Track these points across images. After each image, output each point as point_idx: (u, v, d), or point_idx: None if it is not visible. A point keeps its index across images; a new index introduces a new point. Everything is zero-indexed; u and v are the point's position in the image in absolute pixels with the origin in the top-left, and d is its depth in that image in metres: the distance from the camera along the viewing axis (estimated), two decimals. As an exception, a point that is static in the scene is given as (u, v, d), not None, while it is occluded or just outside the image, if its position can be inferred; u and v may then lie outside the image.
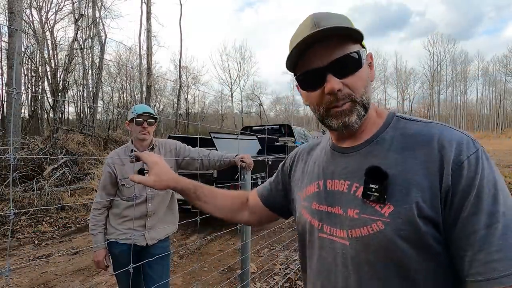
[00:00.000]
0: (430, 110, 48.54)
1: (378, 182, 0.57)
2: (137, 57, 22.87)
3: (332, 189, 0.67)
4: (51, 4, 19.66)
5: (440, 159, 0.54)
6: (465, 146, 0.55)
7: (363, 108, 0.62)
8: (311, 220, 0.70)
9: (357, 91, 0.61)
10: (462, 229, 0.52)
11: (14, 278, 3.38)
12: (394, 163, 0.58)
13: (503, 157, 16.65)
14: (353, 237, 0.60)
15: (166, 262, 1.99)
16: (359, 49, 0.61)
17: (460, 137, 0.56)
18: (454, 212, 0.53)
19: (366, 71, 0.63)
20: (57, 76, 15.90)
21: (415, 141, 0.59)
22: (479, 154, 0.54)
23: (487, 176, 0.52)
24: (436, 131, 0.58)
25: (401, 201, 0.55)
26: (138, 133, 1.88)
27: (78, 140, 9.89)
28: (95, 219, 1.89)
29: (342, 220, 0.63)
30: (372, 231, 0.57)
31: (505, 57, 46.83)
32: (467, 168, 0.53)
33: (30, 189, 6.12)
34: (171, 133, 14.45)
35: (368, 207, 0.58)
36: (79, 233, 5.09)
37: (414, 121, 0.63)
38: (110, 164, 1.88)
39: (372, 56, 0.66)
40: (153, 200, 1.91)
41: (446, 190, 0.53)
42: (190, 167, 2.07)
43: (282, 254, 3.92)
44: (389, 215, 0.56)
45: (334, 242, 0.64)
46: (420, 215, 0.53)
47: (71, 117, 26.24)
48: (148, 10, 16.51)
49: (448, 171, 0.53)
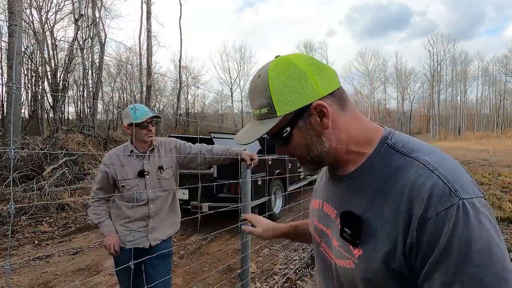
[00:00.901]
0: (430, 110, 48.55)
1: (351, 227, 0.60)
2: (137, 57, 22.87)
3: (326, 212, 0.71)
4: (51, 4, 19.69)
5: (409, 212, 0.52)
6: (437, 199, 0.50)
7: (313, 163, 0.66)
8: (313, 233, 0.78)
9: (297, 156, 0.67)
10: (425, 284, 0.51)
11: (14, 278, 3.38)
12: (370, 205, 0.58)
13: (503, 157, 16.65)
14: (336, 264, 0.66)
15: (169, 263, 1.97)
16: (281, 125, 0.62)
17: (434, 187, 0.51)
18: (418, 266, 0.51)
19: (299, 138, 0.63)
20: (57, 76, 15.90)
21: (393, 183, 0.56)
22: (452, 210, 0.48)
23: (458, 236, 0.47)
24: (412, 177, 0.53)
25: (370, 247, 0.57)
26: (144, 136, 1.84)
27: (78, 140, 9.90)
28: (98, 209, 1.87)
29: (330, 245, 0.68)
30: (346, 266, 0.62)
31: (505, 57, 46.92)
32: (433, 226, 0.49)
33: (30, 189, 6.12)
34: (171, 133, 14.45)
35: (345, 244, 0.62)
36: (79, 233, 5.09)
37: (402, 153, 0.58)
38: (108, 165, 1.85)
39: (321, 104, 0.59)
40: (155, 201, 1.88)
41: (410, 246, 0.51)
42: (192, 164, 2.03)
43: (282, 254, 3.92)
44: (358, 258, 0.59)
45: (328, 259, 0.70)
46: (386, 264, 0.54)
47: (71, 117, 26.25)
48: (148, 10, 16.52)
49: (414, 226, 0.51)
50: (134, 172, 1.85)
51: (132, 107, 1.84)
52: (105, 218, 1.86)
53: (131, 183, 1.84)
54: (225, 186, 4.64)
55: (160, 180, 1.91)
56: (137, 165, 1.87)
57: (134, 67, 26.56)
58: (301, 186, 6.53)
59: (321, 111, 0.60)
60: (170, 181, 1.96)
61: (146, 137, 1.85)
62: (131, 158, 1.87)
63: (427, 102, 50.62)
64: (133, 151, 1.87)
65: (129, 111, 1.82)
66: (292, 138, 0.63)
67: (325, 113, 0.60)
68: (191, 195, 4.69)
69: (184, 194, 4.67)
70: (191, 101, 38.77)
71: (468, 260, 0.47)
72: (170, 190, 1.97)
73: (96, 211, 1.87)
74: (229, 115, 42.14)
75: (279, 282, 3.06)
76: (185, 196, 4.67)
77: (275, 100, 0.60)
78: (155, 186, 1.88)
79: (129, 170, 1.85)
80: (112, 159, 1.87)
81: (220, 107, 44.87)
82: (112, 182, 1.88)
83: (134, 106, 1.85)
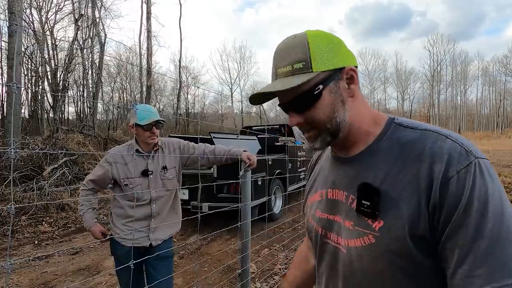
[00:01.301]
0: (430, 110, 48.55)
1: (370, 198, 0.59)
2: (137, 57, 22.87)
3: (333, 198, 0.70)
4: (51, 4, 19.66)
5: (430, 175, 0.54)
6: (456, 159, 0.53)
7: (330, 134, 0.65)
8: (316, 227, 0.74)
9: (318, 122, 0.64)
10: (447, 243, 0.52)
11: (14, 278, 3.38)
12: (386, 177, 0.59)
13: (503, 157, 16.65)
14: (350, 246, 0.63)
15: (170, 263, 1.97)
16: (314, 82, 0.62)
17: (452, 149, 0.55)
18: (442, 227, 0.53)
19: (329, 99, 0.63)
20: (57, 76, 15.90)
21: (407, 153, 0.58)
22: (471, 167, 0.52)
23: (478, 191, 0.51)
24: (428, 143, 0.57)
25: (391, 217, 0.57)
26: (147, 138, 1.84)
27: (78, 140, 9.90)
28: (82, 199, 1.89)
29: (341, 229, 0.66)
30: (364, 243, 0.60)
31: (505, 57, 46.88)
32: (456, 183, 0.52)
33: (30, 189, 6.12)
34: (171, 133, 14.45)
35: (362, 220, 0.61)
36: (79, 233, 5.09)
37: (412, 128, 0.62)
38: (111, 163, 1.84)
39: (353, 69, 0.64)
40: (157, 201, 1.89)
41: (433, 206, 0.53)
42: (196, 164, 2.05)
43: (282, 254, 3.92)
44: (379, 230, 0.58)
45: (336, 248, 0.68)
46: (409, 231, 0.54)
47: (71, 117, 26.24)
48: (148, 10, 16.52)
49: (436, 187, 0.53)
50: (138, 171, 1.86)
51: (139, 107, 1.84)
52: (85, 211, 1.89)
53: (134, 182, 1.85)
54: (225, 186, 4.64)
55: (164, 180, 1.92)
56: (141, 164, 1.88)
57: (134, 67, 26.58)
58: (301, 186, 6.53)
59: (351, 77, 0.63)
60: (173, 181, 1.97)
61: (149, 139, 1.85)
62: (136, 157, 1.87)
63: (427, 102, 50.59)
64: (138, 150, 1.87)
65: (136, 111, 1.82)
66: (321, 98, 0.63)
67: (354, 79, 0.64)
68: (191, 195, 4.69)
69: (184, 194, 4.67)
70: (191, 101, 38.79)
71: (487, 215, 0.50)
72: (172, 190, 1.98)
73: (80, 201, 1.90)
74: (229, 115, 42.13)
75: (279, 282, 3.05)
76: (185, 196, 4.67)
77: (313, 56, 0.61)
78: (158, 186, 1.89)
79: (132, 168, 1.84)
80: (115, 157, 1.86)
81: (220, 107, 44.88)
82: (109, 181, 1.88)
83: (141, 106, 1.85)
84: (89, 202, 1.90)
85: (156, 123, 1.83)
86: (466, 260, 0.50)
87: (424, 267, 0.55)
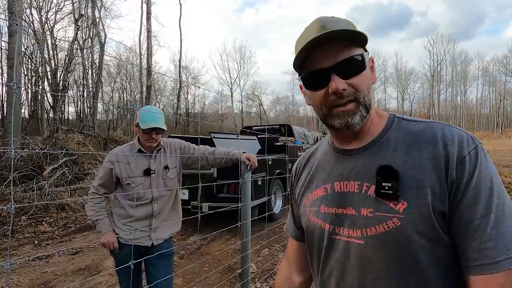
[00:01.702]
0: (430, 110, 48.54)
1: (391, 180, 0.60)
2: (137, 57, 22.87)
3: (341, 191, 0.68)
4: (51, 4, 19.65)
5: (446, 155, 0.58)
6: (466, 142, 0.59)
7: (365, 110, 0.64)
8: (321, 224, 0.70)
9: (361, 92, 0.63)
10: (461, 218, 0.56)
11: (14, 278, 3.38)
12: (402, 162, 0.61)
13: (503, 157, 16.65)
14: (369, 235, 0.61)
15: (170, 262, 1.98)
16: (362, 52, 0.64)
17: (461, 134, 0.60)
18: (457, 203, 0.56)
19: (369, 74, 0.66)
20: (57, 76, 15.90)
21: (419, 140, 0.62)
22: (478, 149, 0.58)
23: (484, 170, 0.56)
24: (438, 130, 0.62)
25: (414, 196, 0.58)
26: (145, 140, 1.85)
27: (78, 140, 9.90)
28: (97, 206, 1.86)
29: (356, 220, 0.64)
30: (388, 228, 0.59)
31: (505, 57, 46.85)
32: (468, 162, 0.57)
33: (30, 189, 6.12)
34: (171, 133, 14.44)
35: (382, 205, 0.60)
36: (79, 233, 5.09)
37: (415, 121, 0.66)
38: (114, 162, 1.85)
39: (373, 60, 0.69)
40: (159, 200, 1.89)
41: (451, 183, 0.57)
42: (196, 165, 2.06)
43: (282, 254, 3.92)
44: (403, 211, 0.58)
45: (348, 242, 0.65)
46: (433, 209, 0.57)
47: (71, 117, 26.24)
48: (148, 10, 16.52)
49: (453, 165, 0.57)
50: (140, 170, 1.86)
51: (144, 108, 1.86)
52: (104, 216, 1.86)
53: (136, 181, 1.85)
54: (225, 186, 4.64)
55: (165, 180, 1.93)
56: (143, 164, 1.89)
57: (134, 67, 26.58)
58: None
59: (372, 67, 0.68)
60: (174, 181, 1.99)
61: (147, 142, 1.86)
62: (138, 156, 1.88)
63: (427, 102, 50.58)
64: (141, 149, 1.88)
65: (141, 112, 1.84)
66: (366, 70, 0.65)
67: (374, 69, 0.69)
68: (191, 195, 4.69)
69: (184, 194, 4.67)
70: (191, 101, 38.79)
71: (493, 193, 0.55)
72: (173, 190, 1.99)
73: (94, 207, 1.86)
74: (229, 115, 42.12)
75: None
76: (185, 196, 4.67)
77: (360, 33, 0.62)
78: (160, 185, 1.90)
79: (135, 168, 1.85)
80: (118, 156, 1.87)
81: (220, 107, 44.89)
82: (115, 179, 1.88)
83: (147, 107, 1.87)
84: (105, 209, 1.89)
85: (155, 129, 1.83)
86: (477, 233, 0.54)
87: (448, 248, 0.58)
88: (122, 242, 1.86)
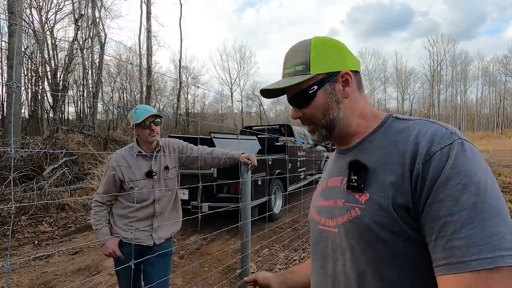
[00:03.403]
0: (430, 110, 48.54)
1: (359, 173, 0.64)
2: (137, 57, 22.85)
3: (330, 186, 0.75)
4: (51, 4, 19.66)
5: (414, 151, 0.58)
6: (440, 138, 0.57)
7: (325, 129, 0.73)
8: (315, 216, 0.78)
9: (313, 118, 0.73)
10: (428, 214, 0.54)
11: (14, 278, 3.38)
12: (377, 158, 0.64)
13: (503, 157, 16.65)
14: (339, 224, 0.66)
15: (168, 261, 1.99)
16: (310, 83, 0.71)
17: (438, 130, 0.59)
18: (423, 200, 0.55)
19: (323, 98, 0.71)
20: (57, 76, 15.90)
21: (399, 137, 0.63)
22: (454, 145, 0.55)
23: (459, 166, 0.53)
24: (417, 127, 0.62)
25: (376, 189, 0.60)
26: (147, 136, 1.83)
27: (78, 140, 9.89)
28: (98, 215, 1.86)
29: (333, 210, 0.70)
30: (351, 217, 0.63)
31: (505, 57, 46.85)
32: (438, 158, 0.55)
33: (30, 189, 6.12)
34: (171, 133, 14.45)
35: (351, 195, 0.65)
36: (79, 233, 5.09)
37: (406, 120, 0.67)
38: (115, 167, 1.83)
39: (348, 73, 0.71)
40: (160, 201, 1.90)
41: (416, 178, 0.56)
42: (193, 165, 2.06)
43: (282, 254, 3.92)
44: (365, 202, 0.61)
45: (327, 231, 0.71)
46: (393, 202, 0.57)
47: (71, 117, 26.24)
48: (148, 10, 16.51)
49: (420, 160, 0.56)
50: (142, 173, 1.86)
51: (135, 107, 1.83)
52: (103, 225, 1.85)
53: (139, 184, 1.85)
54: (225, 186, 4.64)
55: (166, 180, 1.93)
56: (144, 166, 1.88)
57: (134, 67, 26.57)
58: (301, 186, 6.53)
59: (346, 80, 0.71)
60: (174, 181, 2.00)
61: (150, 137, 1.84)
62: (139, 158, 1.87)
63: (427, 102, 50.58)
64: (141, 152, 1.87)
65: (132, 112, 1.83)
66: (316, 97, 0.71)
67: (348, 82, 0.71)
68: (191, 195, 4.69)
69: (184, 194, 4.67)
70: (191, 101, 38.77)
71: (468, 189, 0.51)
72: (174, 190, 2.00)
73: (95, 216, 1.86)
74: (229, 115, 42.12)
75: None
76: (185, 196, 4.67)
77: (312, 60, 0.71)
78: (161, 186, 1.90)
79: (137, 171, 1.84)
80: (118, 160, 1.85)
81: (220, 107, 44.90)
82: (119, 184, 1.87)
83: (137, 106, 1.84)
84: (105, 217, 1.88)
85: (153, 120, 1.82)
86: (446, 231, 0.51)
87: (410, 241, 0.57)
88: (123, 241, 1.86)
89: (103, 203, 1.89)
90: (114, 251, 1.80)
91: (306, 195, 4.51)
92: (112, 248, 1.81)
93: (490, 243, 0.48)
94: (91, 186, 7.12)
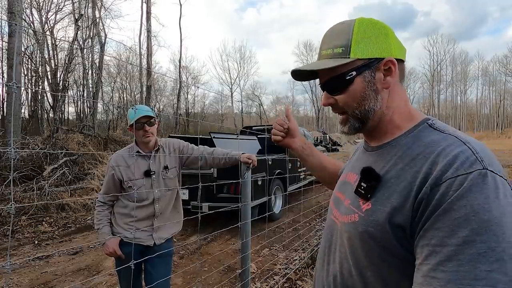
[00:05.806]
0: (430, 110, 48.52)
1: (368, 181, 0.63)
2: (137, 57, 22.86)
3: (347, 180, 0.76)
4: (51, 4, 19.67)
5: (428, 172, 0.53)
6: (460, 164, 0.50)
7: (358, 120, 0.67)
8: (331, 205, 0.80)
9: (347, 107, 0.67)
10: (421, 239, 0.52)
11: (14, 278, 3.38)
12: (392, 168, 0.61)
13: (503, 157, 16.66)
14: (341, 221, 0.69)
15: (169, 261, 1.99)
16: (349, 68, 0.65)
17: (462, 153, 0.52)
18: (421, 224, 0.52)
19: (361, 86, 0.65)
20: (57, 76, 15.89)
21: (421, 151, 0.58)
22: (472, 176, 0.48)
23: (470, 200, 0.47)
24: (445, 144, 0.55)
25: (379, 202, 0.59)
26: (141, 137, 1.84)
27: (78, 140, 9.89)
28: (100, 214, 1.88)
29: (341, 206, 0.72)
30: (350, 220, 0.65)
31: (505, 57, 46.88)
32: (449, 186, 0.49)
33: (30, 189, 6.12)
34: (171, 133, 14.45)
35: (356, 200, 0.65)
36: (79, 233, 5.09)
37: (440, 131, 0.60)
38: (114, 167, 1.85)
39: (393, 61, 0.64)
40: (160, 200, 1.90)
41: (420, 201, 0.52)
42: (194, 165, 2.06)
43: (282, 254, 3.92)
44: (365, 211, 0.61)
45: (335, 223, 0.74)
46: (391, 219, 0.56)
47: (71, 117, 26.24)
48: (148, 10, 16.52)
49: (429, 184, 0.52)
50: (140, 172, 1.87)
51: (134, 107, 1.83)
52: (104, 225, 1.87)
53: (138, 183, 1.85)
54: (225, 186, 4.64)
55: (166, 180, 1.94)
56: (143, 165, 1.89)
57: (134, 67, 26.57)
58: (301, 186, 6.53)
59: (389, 69, 0.64)
60: (174, 181, 1.99)
61: (144, 138, 1.84)
62: (138, 158, 1.88)
63: (427, 102, 50.58)
64: (139, 151, 1.88)
65: (128, 112, 1.84)
66: (352, 84, 0.65)
67: (391, 71, 0.65)
68: (191, 195, 4.69)
69: (184, 194, 4.67)
70: (191, 101, 38.78)
71: (470, 226, 0.46)
72: (174, 190, 2.00)
73: (97, 216, 1.88)
74: (229, 115, 42.13)
75: (279, 282, 3.05)
76: (185, 196, 4.66)
77: (354, 43, 0.64)
78: (160, 186, 1.90)
79: (135, 170, 1.85)
80: (117, 160, 1.87)
81: (220, 107, 44.93)
82: (118, 183, 1.88)
83: (134, 106, 1.84)
84: (107, 217, 1.90)
85: (146, 121, 1.81)
86: (431, 260, 0.48)
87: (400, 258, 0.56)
88: (124, 241, 1.87)
89: (105, 203, 1.90)
90: (114, 250, 1.81)
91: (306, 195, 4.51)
92: (113, 247, 1.81)
93: (471, 286, 0.44)
94: (91, 186, 7.12)
